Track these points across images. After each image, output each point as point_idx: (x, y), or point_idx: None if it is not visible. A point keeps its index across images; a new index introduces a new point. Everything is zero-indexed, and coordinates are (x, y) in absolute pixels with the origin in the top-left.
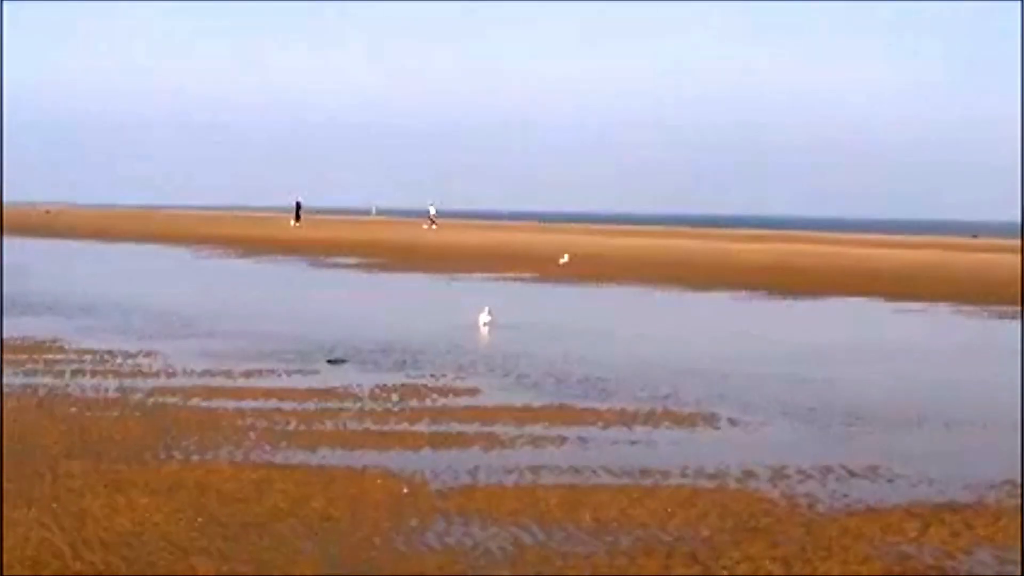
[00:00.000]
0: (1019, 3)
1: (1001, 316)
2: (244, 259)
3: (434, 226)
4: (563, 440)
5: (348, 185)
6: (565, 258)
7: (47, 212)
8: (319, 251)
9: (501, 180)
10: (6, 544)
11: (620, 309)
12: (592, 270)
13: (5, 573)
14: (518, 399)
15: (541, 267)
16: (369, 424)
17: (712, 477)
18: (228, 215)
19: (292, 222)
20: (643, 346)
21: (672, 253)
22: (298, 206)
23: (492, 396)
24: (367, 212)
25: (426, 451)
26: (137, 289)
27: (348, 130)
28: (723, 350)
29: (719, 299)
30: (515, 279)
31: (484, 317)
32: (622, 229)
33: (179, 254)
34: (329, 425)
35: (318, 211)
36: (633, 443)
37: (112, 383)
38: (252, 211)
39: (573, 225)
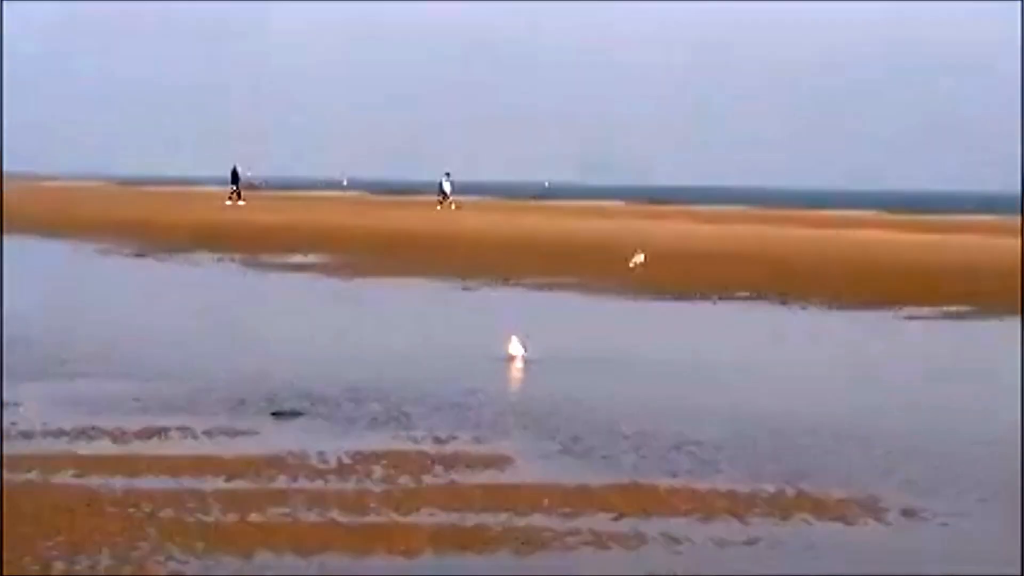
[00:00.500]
0: (1019, 3)
1: None
2: (149, 257)
3: (452, 206)
4: (640, 539)
5: (310, 149)
6: (639, 258)
7: None
8: (264, 244)
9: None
10: None
11: (720, 336)
12: (673, 274)
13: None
14: (568, 474)
15: (600, 269)
16: (336, 514)
17: None
18: (139, 190)
19: (228, 199)
20: (760, 392)
21: (773, 245)
22: (235, 176)
23: (529, 469)
24: (337, 184)
25: (427, 558)
26: None
27: (310, 81)
28: (887, 400)
29: (866, 319)
30: (561, 287)
31: (515, 348)
32: (692, 211)
33: (55, 250)
34: (274, 516)
35: (270, 184)
36: (750, 544)
37: None
38: (175, 183)
39: (619, 205)
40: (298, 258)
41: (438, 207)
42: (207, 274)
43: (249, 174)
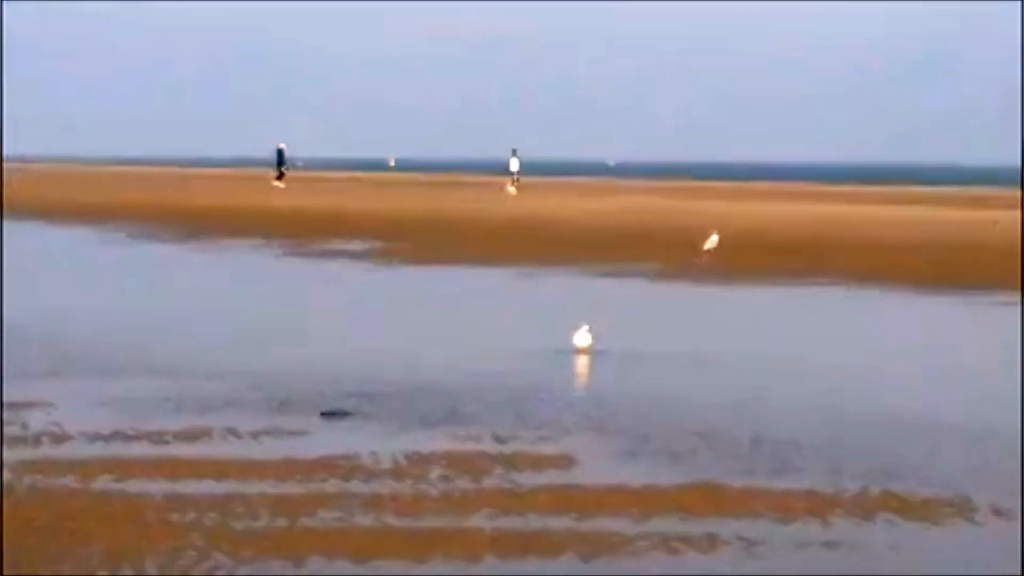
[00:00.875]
0: (1019, 3)
1: None
2: (184, 245)
3: (512, 187)
4: (713, 542)
5: (352, 131)
6: (713, 240)
7: None
8: (308, 229)
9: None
10: None
11: (798, 325)
12: (747, 258)
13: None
14: (637, 474)
15: (671, 254)
16: (391, 518)
17: None
18: (176, 172)
19: (275, 180)
20: (843, 385)
21: (839, 225)
22: (280, 157)
23: (595, 469)
24: (382, 165)
25: (489, 562)
26: (11, 298)
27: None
28: (979, 393)
29: (955, 305)
30: (630, 274)
31: (581, 339)
32: (762, 188)
33: (82, 237)
34: (326, 521)
35: (312, 164)
36: (832, 547)
37: None
38: (215, 167)
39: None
40: (345, 245)
41: (510, 188)
42: (248, 262)
43: (392, 162)
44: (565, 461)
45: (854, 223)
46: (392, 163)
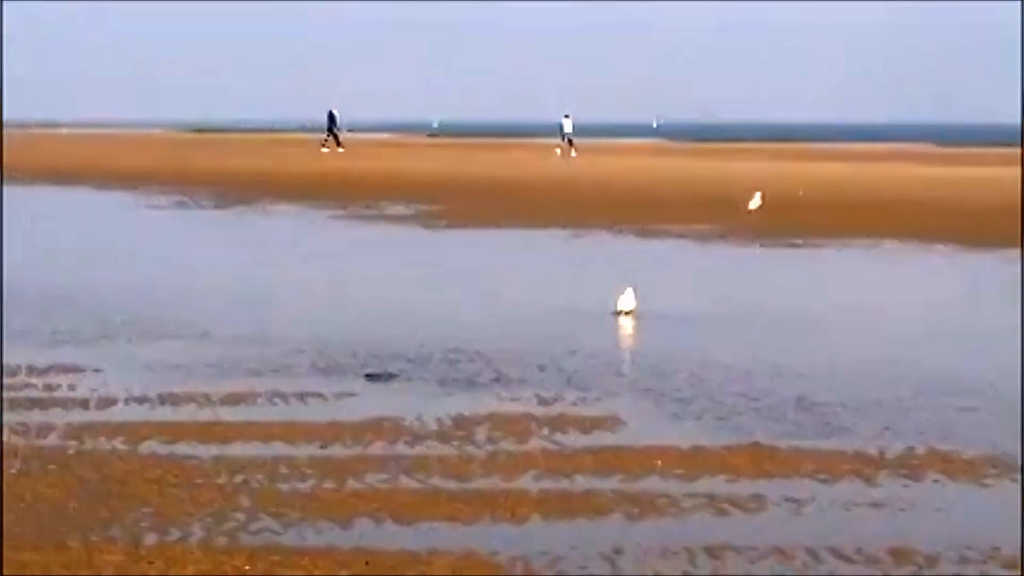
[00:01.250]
0: (1019, 3)
1: None
2: (227, 210)
3: (572, 151)
4: (760, 503)
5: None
6: (756, 200)
7: None
8: (354, 192)
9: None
10: None
11: (845, 285)
12: (791, 218)
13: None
14: (683, 436)
15: (714, 213)
16: (438, 480)
17: (1013, 566)
18: (214, 138)
19: (323, 145)
20: (889, 347)
21: (880, 184)
22: (332, 120)
23: (640, 431)
24: (426, 128)
25: (535, 523)
26: (52, 262)
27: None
28: None
29: (1007, 262)
30: (675, 235)
31: (626, 302)
32: (801, 148)
33: (122, 201)
34: (372, 483)
35: (354, 129)
36: (878, 507)
37: (12, 419)
38: (256, 131)
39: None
40: (392, 208)
41: (558, 152)
42: (292, 226)
43: (436, 124)
44: (611, 422)
45: (900, 182)
46: (436, 125)
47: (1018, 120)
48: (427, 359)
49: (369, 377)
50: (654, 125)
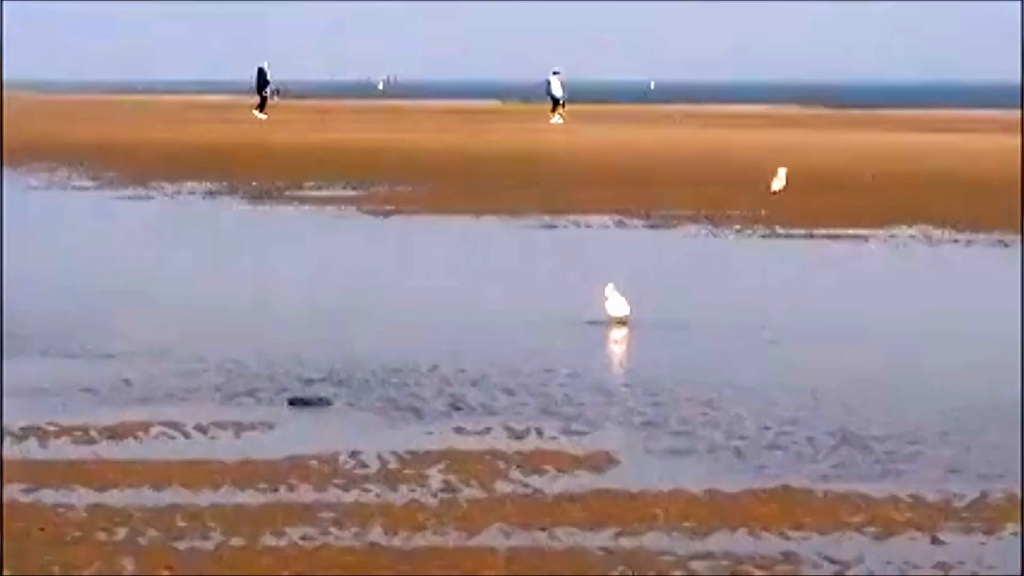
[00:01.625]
0: (1019, 3)
1: None
2: (124, 191)
3: (559, 118)
4: (793, 564)
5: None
6: (781, 179)
7: None
8: (282, 171)
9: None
10: None
11: (885, 285)
12: (824, 201)
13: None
14: (692, 478)
15: (728, 196)
16: (379, 535)
17: None
18: (124, 99)
19: (256, 109)
20: (946, 361)
21: (919, 156)
22: (262, 79)
23: (637, 471)
24: (370, 88)
25: None
26: None
27: None
28: None
29: None
30: (679, 221)
31: (615, 308)
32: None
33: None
34: (295, 540)
35: (290, 91)
36: (945, 569)
37: None
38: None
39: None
40: (326, 189)
41: (553, 117)
42: (201, 212)
43: (381, 84)
44: (600, 461)
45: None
46: (381, 86)
47: None
48: (367, 381)
49: (292, 403)
50: (651, 87)
